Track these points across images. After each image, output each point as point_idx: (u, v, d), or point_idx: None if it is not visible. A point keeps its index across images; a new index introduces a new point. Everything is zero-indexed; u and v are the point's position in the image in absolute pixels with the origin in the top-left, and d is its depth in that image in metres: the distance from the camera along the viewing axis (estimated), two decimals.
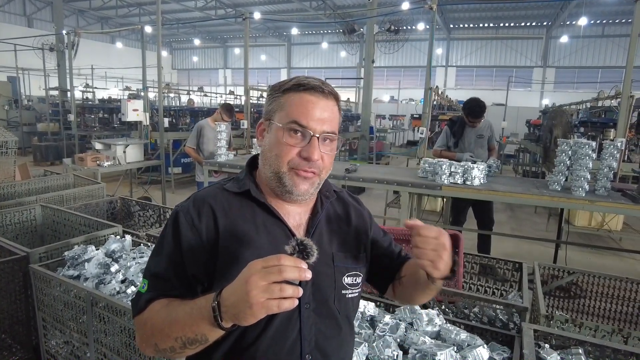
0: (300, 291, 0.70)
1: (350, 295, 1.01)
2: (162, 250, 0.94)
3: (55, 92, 13.25)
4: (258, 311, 0.69)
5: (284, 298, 0.68)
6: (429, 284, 0.96)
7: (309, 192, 0.95)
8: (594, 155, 3.40)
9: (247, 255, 0.75)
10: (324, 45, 26.33)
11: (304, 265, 0.70)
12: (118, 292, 2.08)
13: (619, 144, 3.44)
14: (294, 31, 26.92)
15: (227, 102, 9.06)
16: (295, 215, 0.99)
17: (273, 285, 0.68)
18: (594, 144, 3.40)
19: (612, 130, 6.27)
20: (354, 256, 1.04)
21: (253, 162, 1.04)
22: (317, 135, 0.91)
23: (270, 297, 0.68)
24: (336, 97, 0.97)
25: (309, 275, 0.70)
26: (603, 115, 7.67)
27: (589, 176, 3.38)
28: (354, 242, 1.06)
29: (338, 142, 0.97)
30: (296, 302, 0.70)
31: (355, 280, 1.02)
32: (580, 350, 1.56)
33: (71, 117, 9.34)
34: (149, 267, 0.95)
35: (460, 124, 4.46)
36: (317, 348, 0.94)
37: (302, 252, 0.72)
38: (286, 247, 0.73)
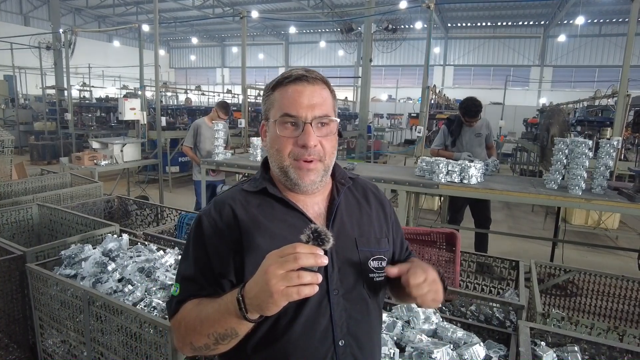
0: (319, 277, 0.73)
1: (377, 279, 1.01)
2: (189, 254, 0.99)
3: (52, 91, 13.21)
4: (279, 299, 0.72)
5: (304, 285, 0.71)
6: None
7: (315, 183, 0.97)
8: (591, 154, 3.40)
9: (272, 248, 0.78)
10: (322, 44, 26.31)
11: (320, 252, 0.73)
12: (115, 291, 2.07)
13: (615, 143, 3.45)
14: (292, 30, 26.88)
15: (223, 99, 9.05)
16: (314, 206, 1.01)
17: (291, 273, 0.71)
18: (590, 142, 3.40)
19: (609, 129, 6.29)
20: (377, 240, 1.05)
21: (267, 162, 1.07)
22: (309, 122, 0.92)
23: (289, 285, 0.71)
24: (324, 81, 0.98)
25: (325, 260, 0.73)
26: (600, 114, 7.70)
27: (585, 175, 3.39)
28: (376, 226, 1.07)
29: (335, 125, 0.98)
30: (316, 288, 0.73)
31: (381, 264, 1.02)
32: (576, 348, 1.57)
33: (68, 116, 9.31)
34: (179, 271, 1.00)
35: (458, 123, 4.46)
36: (349, 333, 0.96)
37: (316, 239, 0.74)
38: (301, 236, 0.75)
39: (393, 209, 1.17)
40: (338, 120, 0.99)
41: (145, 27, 10.38)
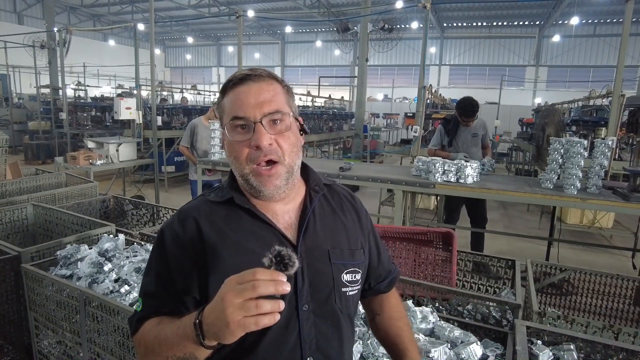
0: (280, 305, 0.66)
1: (350, 293, 0.97)
2: (151, 268, 0.94)
3: (47, 90, 13.12)
4: (235, 330, 0.66)
5: (263, 314, 0.65)
6: None
7: (280, 187, 0.91)
8: (586, 154, 3.42)
9: (238, 262, 0.73)
10: (318, 43, 26.32)
11: (283, 278, 0.66)
12: (111, 292, 2.07)
13: (610, 143, 3.47)
14: (288, 29, 26.87)
15: None
16: (285, 215, 0.95)
17: (249, 302, 0.65)
18: (585, 142, 3.42)
19: (604, 128, 6.33)
20: (351, 251, 0.99)
21: None
22: (259, 120, 0.87)
23: (246, 315, 0.65)
24: (271, 76, 0.93)
25: (287, 288, 0.66)
26: (594, 114, 7.75)
27: (580, 174, 3.40)
28: (351, 237, 1.01)
29: (290, 119, 0.92)
30: (277, 316, 0.66)
31: (355, 277, 0.98)
32: (571, 346, 1.57)
33: (63, 115, 9.26)
34: (142, 286, 0.95)
35: (455, 122, 4.47)
36: (318, 350, 0.91)
37: (279, 263, 0.67)
38: (263, 259, 0.69)
39: (370, 218, 1.12)
40: (291, 114, 0.92)
41: (141, 26, 10.36)
